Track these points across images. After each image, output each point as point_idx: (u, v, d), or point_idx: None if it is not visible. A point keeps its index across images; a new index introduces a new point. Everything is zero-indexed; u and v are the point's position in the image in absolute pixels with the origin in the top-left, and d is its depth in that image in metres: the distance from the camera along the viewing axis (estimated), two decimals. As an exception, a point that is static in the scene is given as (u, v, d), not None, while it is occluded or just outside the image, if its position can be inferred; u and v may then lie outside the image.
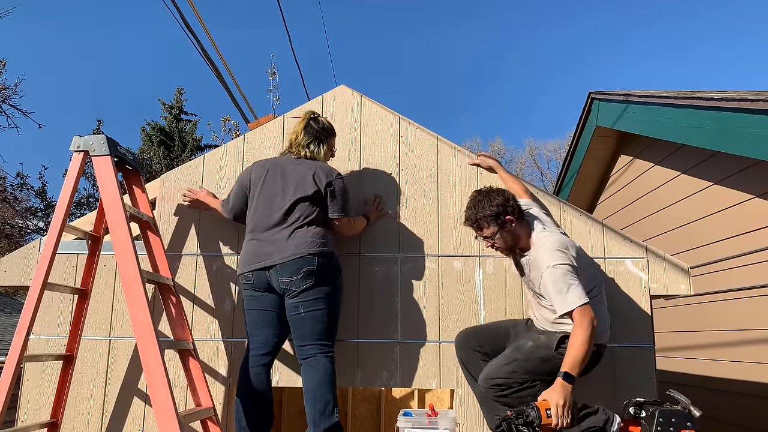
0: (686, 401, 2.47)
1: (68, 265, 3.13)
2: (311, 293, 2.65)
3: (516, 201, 2.71)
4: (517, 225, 2.67)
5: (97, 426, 2.97)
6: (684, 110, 4.40)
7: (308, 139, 2.86)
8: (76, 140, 2.72)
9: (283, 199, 2.74)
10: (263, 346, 2.74)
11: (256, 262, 2.70)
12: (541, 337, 2.66)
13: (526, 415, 2.32)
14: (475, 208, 2.67)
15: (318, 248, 2.68)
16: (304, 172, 2.78)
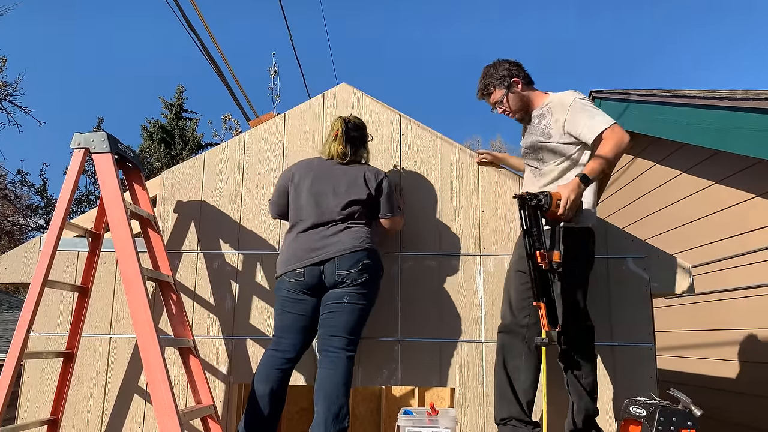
0: (687, 400, 2.47)
1: (68, 262, 3.13)
2: (361, 287, 2.66)
3: (523, 68, 2.85)
4: (524, 87, 2.83)
5: (97, 423, 2.97)
6: (685, 109, 4.39)
7: (354, 147, 2.87)
8: (77, 137, 2.72)
9: (335, 199, 2.74)
10: (290, 350, 2.70)
11: (310, 257, 2.68)
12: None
13: (539, 199, 2.51)
14: (483, 78, 2.86)
15: (370, 245, 2.72)
16: (355, 174, 2.80)
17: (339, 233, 2.71)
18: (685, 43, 54.76)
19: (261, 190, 3.21)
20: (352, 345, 2.64)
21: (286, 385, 2.69)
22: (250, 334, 3.06)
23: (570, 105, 2.69)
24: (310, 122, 3.28)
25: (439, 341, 3.03)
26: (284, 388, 2.68)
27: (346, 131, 2.85)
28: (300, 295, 2.71)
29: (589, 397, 2.60)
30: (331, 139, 2.88)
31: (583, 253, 2.67)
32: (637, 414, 2.58)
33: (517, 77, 2.82)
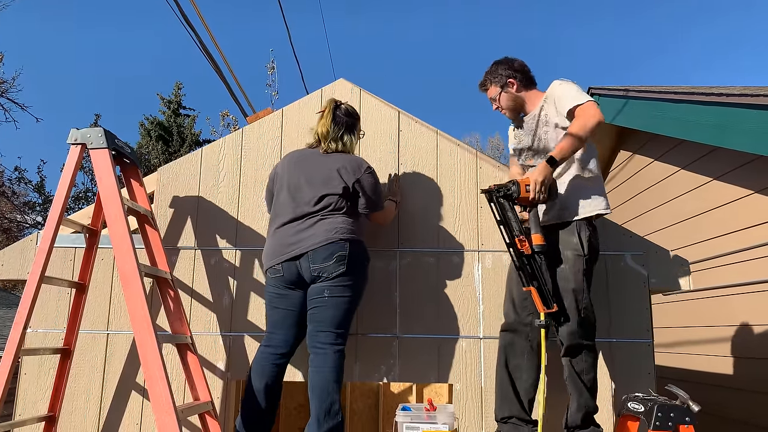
0: (685, 396, 2.47)
1: (66, 258, 3.12)
2: (340, 280, 2.60)
3: (525, 69, 2.87)
4: (519, 88, 2.85)
5: (95, 420, 2.96)
6: (684, 105, 4.39)
7: (339, 130, 2.80)
8: (74, 133, 2.71)
9: (309, 192, 2.69)
10: (282, 345, 2.69)
11: (285, 252, 2.65)
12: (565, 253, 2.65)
13: (507, 188, 2.58)
14: (485, 73, 2.91)
15: (348, 235, 2.64)
16: (331, 167, 2.73)
17: (312, 226, 2.65)
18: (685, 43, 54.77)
19: (258, 186, 3.20)
20: (339, 339, 2.61)
21: (281, 380, 2.69)
22: (248, 331, 3.05)
23: (554, 88, 2.76)
24: (307, 118, 3.26)
25: (437, 337, 3.03)
26: (279, 383, 2.68)
27: (335, 110, 2.83)
28: (284, 290, 2.70)
29: (589, 393, 2.59)
30: (318, 117, 2.86)
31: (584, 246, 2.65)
32: (635, 410, 2.58)
33: (514, 78, 2.83)
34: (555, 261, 2.68)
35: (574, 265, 2.64)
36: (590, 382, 2.62)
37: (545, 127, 2.78)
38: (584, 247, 2.65)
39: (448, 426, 2.51)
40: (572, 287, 2.63)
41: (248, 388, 2.65)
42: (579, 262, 2.64)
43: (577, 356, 2.62)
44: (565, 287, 2.64)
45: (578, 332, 2.61)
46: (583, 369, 2.62)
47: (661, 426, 2.40)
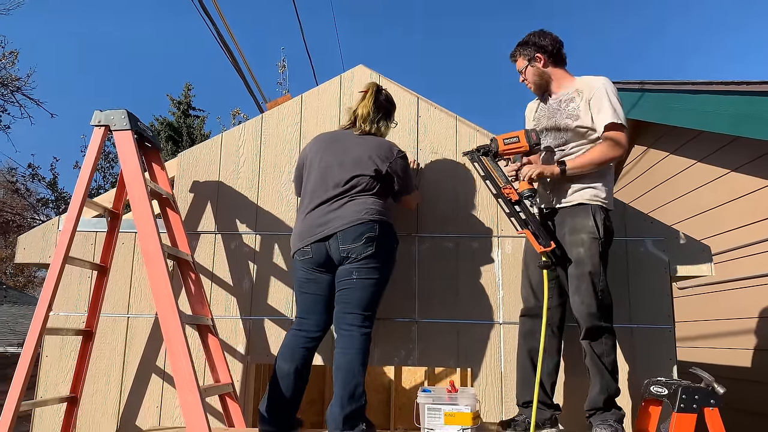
0: (710, 378, 2.45)
1: (86, 243, 3.14)
2: (369, 261, 2.56)
3: (557, 47, 2.82)
4: (548, 65, 2.82)
5: (115, 402, 2.98)
6: (702, 96, 4.36)
7: (378, 114, 2.80)
8: (97, 114, 2.72)
9: (340, 174, 2.67)
10: (314, 329, 2.66)
11: (314, 234, 2.62)
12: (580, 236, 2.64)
13: (487, 147, 2.76)
14: (518, 43, 2.88)
15: (378, 216, 2.61)
16: (365, 150, 2.71)
17: (342, 207, 2.62)
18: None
19: (278, 171, 3.21)
20: (367, 321, 2.58)
21: (310, 364, 2.66)
22: (268, 315, 3.06)
23: (597, 88, 2.70)
24: (326, 104, 3.27)
25: (456, 322, 3.02)
26: (308, 367, 2.65)
27: (377, 94, 2.82)
28: (313, 274, 2.66)
29: (610, 376, 2.58)
30: (359, 98, 2.84)
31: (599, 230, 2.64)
32: (658, 393, 2.57)
33: (542, 54, 2.80)
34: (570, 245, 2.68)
35: (590, 248, 2.64)
36: (611, 365, 2.60)
37: (567, 120, 2.75)
38: (599, 230, 2.64)
39: (470, 408, 2.50)
40: (588, 270, 2.62)
41: (276, 372, 2.61)
42: (594, 246, 2.63)
43: (597, 339, 2.61)
44: (581, 272, 2.63)
45: (597, 315, 2.60)
46: (603, 351, 2.60)
47: (685, 408, 2.39)
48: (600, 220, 2.64)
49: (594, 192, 2.68)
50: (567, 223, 2.69)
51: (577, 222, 2.66)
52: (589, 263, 2.61)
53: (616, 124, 2.62)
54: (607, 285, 2.63)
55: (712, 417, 2.38)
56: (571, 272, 2.65)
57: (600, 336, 2.59)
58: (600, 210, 2.66)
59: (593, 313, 2.58)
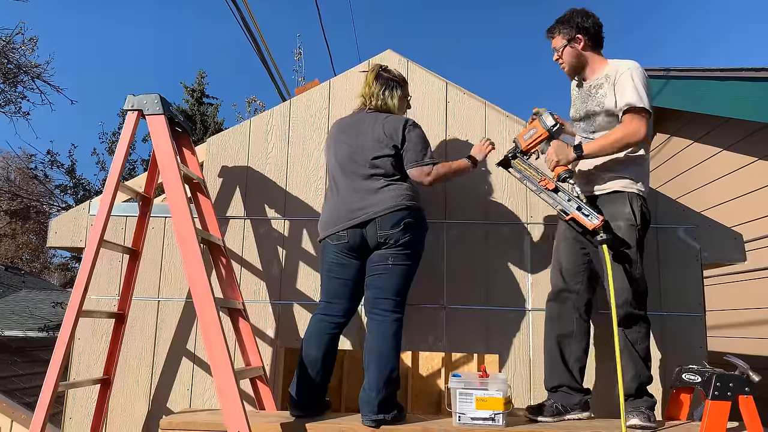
0: (744, 366, 2.44)
1: (117, 227, 3.16)
2: (405, 247, 2.56)
3: (598, 29, 2.73)
4: (585, 47, 2.73)
5: (147, 384, 3.02)
6: (730, 83, 4.31)
7: (380, 86, 2.77)
8: (130, 99, 2.74)
9: (364, 156, 2.65)
10: (340, 314, 2.66)
11: (352, 218, 2.60)
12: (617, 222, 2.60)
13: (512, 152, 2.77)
14: (557, 20, 2.77)
15: (413, 202, 2.61)
16: (377, 127, 2.68)
17: (378, 191, 2.60)
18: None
19: (306, 157, 3.21)
20: (399, 307, 2.58)
21: (336, 349, 2.66)
22: (297, 299, 3.08)
23: (622, 72, 2.62)
24: (354, 89, 3.25)
25: (485, 309, 3.02)
26: (335, 351, 2.65)
27: (379, 72, 2.81)
28: (345, 259, 2.65)
29: (643, 363, 2.57)
30: (363, 80, 2.85)
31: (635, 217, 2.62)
32: (691, 381, 2.56)
33: (584, 35, 2.70)
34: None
35: (627, 235, 2.61)
36: (644, 352, 2.59)
37: (596, 107, 2.71)
38: (636, 217, 2.62)
39: (502, 393, 2.50)
40: (625, 258, 2.60)
41: (303, 358, 2.61)
42: (632, 232, 2.61)
43: (631, 326, 2.60)
44: (618, 258, 2.61)
45: (632, 302, 2.59)
46: (637, 339, 2.59)
47: (719, 396, 2.38)
48: (637, 207, 2.62)
49: (629, 180, 2.65)
50: (605, 209, 2.66)
51: (615, 209, 2.64)
52: (626, 251, 2.59)
53: (635, 107, 2.53)
54: (642, 272, 2.61)
55: (746, 405, 2.37)
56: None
57: (634, 323, 2.58)
58: (636, 197, 2.64)
59: (628, 301, 2.57)
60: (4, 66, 9.15)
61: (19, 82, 9.40)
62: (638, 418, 2.49)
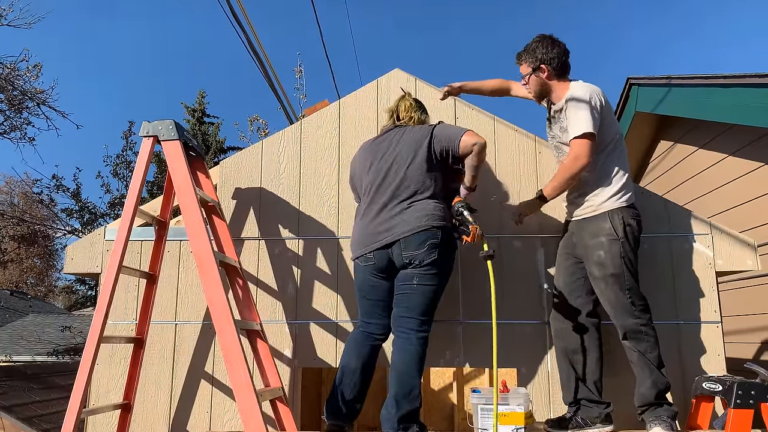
0: (765, 373, 2.45)
1: (133, 252, 3.19)
2: (430, 268, 2.58)
3: (561, 57, 2.82)
4: (551, 77, 2.82)
5: (166, 408, 3.02)
6: (734, 89, 4.34)
7: (417, 108, 2.89)
8: (146, 126, 2.77)
9: (395, 172, 2.68)
10: (379, 331, 2.71)
11: (377, 240, 2.63)
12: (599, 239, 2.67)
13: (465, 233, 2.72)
14: (525, 47, 2.87)
15: (440, 222, 2.61)
16: (406, 140, 2.73)
17: (403, 212, 2.63)
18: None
19: (318, 176, 3.24)
20: (424, 326, 2.60)
21: (374, 362, 2.71)
22: (314, 319, 3.09)
23: (570, 100, 2.74)
24: (364, 108, 3.30)
25: (501, 323, 3.02)
26: (373, 364, 2.70)
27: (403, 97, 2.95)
28: (375, 280, 2.69)
29: (658, 371, 2.58)
30: (398, 98, 2.97)
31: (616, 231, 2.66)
32: (711, 390, 2.57)
33: (547, 66, 2.79)
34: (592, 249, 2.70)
35: (609, 249, 2.66)
36: (656, 360, 2.60)
37: (560, 132, 2.83)
38: (617, 230, 2.66)
39: (523, 407, 2.51)
40: (611, 272, 2.64)
41: (342, 368, 2.66)
42: (615, 246, 2.65)
43: (636, 337, 2.62)
44: (604, 274, 2.66)
45: (630, 314, 2.62)
46: (646, 348, 2.60)
47: (742, 404, 2.38)
48: (618, 221, 2.66)
49: (604, 198, 2.71)
50: (586, 228, 2.74)
51: (595, 226, 2.71)
52: (610, 265, 2.63)
53: (576, 137, 2.65)
54: (635, 282, 2.64)
55: (769, 412, 2.37)
56: (595, 275, 2.68)
57: (639, 333, 2.60)
58: (617, 212, 2.69)
59: (625, 314, 2.61)
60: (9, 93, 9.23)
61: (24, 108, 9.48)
62: (661, 426, 2.49)
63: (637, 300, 2.64)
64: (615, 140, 2.79)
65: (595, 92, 2.74)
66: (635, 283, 2.66)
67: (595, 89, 2.77)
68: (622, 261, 2.64)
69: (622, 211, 2.70)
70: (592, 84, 2.81)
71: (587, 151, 2.64)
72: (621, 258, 2.64)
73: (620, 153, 2.81)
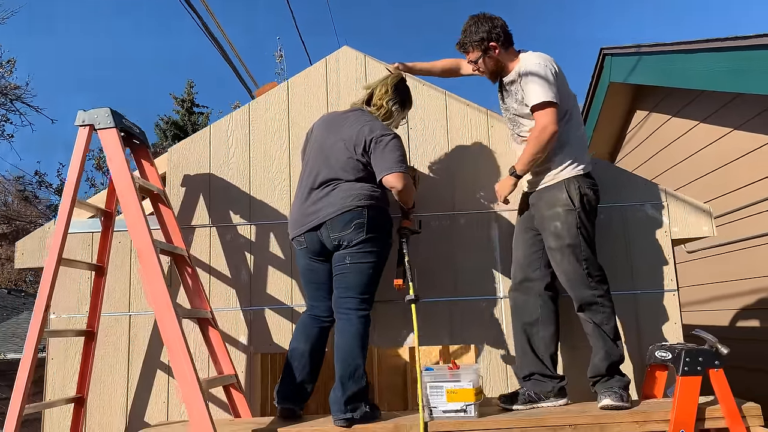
0: (713, 339, 2.42)
1: (84, 244, 3.14)
2: (361, 246, 2.54)
3: (505, 29, 2.76)
4: (501, 52, 2.75)
5: (122, 400, 3.00)
6: (698, 55, 4.27)
7: (394, 97, 2.75)
8: (81, 114, 2.71)
9: (333, 156, 2.63)
10: (325, 315, 2.68)
11: (306, 223, 2.61)
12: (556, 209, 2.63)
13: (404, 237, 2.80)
14: (463, 33, 2.79)
15: (366, 201, 2.56)
16: (356, 129, 2.64)
17: (329, 194, 2.59)
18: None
19: (268, 160, 3.19)
20: (364, 304, 2.57)
21: (323, 346, 2.69)
22: (268, 304, 3.06)
23: (523, 70, 2.69)
24: (313, 88, 3.24)
25: (456, 300, 2.99)
26: (323, 347, 2.68)
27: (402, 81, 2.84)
28: (313, 264, 2.68)
29: (612, 342, 2.55)
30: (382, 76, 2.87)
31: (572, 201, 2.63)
32: (663, 358, 2.54)
33: (496, 42, 2.73)
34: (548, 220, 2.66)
35: (566, 220, 2.62)
36: (612, 331, 2.58)
37: (515, 104, 2.78)
38: (574, 200, 2.62)
39: (473, 384, 2.48)
40: (567, 243, 2.61)
41: (290, 353, 2.64)
42: (571, 216, 2.62)
43: (591, 308, 2.59)
44: (560, 244, 2.62)
45: (585, 285, 2.59)
46: (602, 320, 2.58)
47: (689, 371, 2.35)
48: (575, 191, 2.62)
49: (560, 167, 2.67)
50: (543, 198, 2.71)
51: (552, 196, 2.67)
52: (566, 235, 2.60)
53: (536, 105, 2.60)
54: (591, 253, 2.61)
55: (717, 378, 2.35)
56: (551, 246, 2.65)
57: (594, 305, 2.57)
58: (573, 180, 2.64)
59: (581, 285, 2.59)
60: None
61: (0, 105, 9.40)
62: (610, 398, 2.47)
63: (593, 270, 2.61)
64: (570, 109, 2.74)
65: (548, 60, 2.69)
66: (592, 254, 2.63)
67: (547, 58, 2.71)
68: (578, 231, 2.60)
69: (579, 180, 2.66)
70: (542, 53, 2.75)
71: (553, 118, 2.58)
72: (577, 228, 2.61)
73: (575, 122, 2.76)
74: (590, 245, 2.63)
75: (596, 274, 2.61)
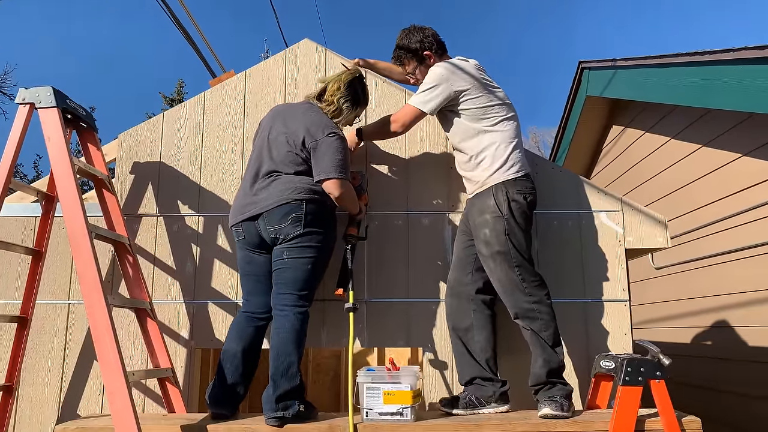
0: (656, 350, 2.37)
1: (26, 228, 3.05)
2: (299, 241, 2.47)
3: (437, 37, 2.84)
4: (436, 60, 2.81)
5: (56, 390, 2.89)
6: (668, 69, 4.27)
7: (346, 95, 2.68)
8: (22, 92, 2.62)
9: (276, 149, 2.57)
10: (260, 311, 2.58)
11: (243, 213, 2.55)
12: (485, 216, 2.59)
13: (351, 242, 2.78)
14: (397, 46, 2.86)
15: (306, 194, 2.49)
16: (303, 124, 2.57)
17: (269, 185, 2.53)
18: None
19: (221, 150, 3.11)
20: (301, 300, 2.49)
21: (260, 345, 2.58)
22: (212, 299, 2.97)
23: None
24: (272, 79, 3.17)
25: (407, 301, 2.93)
26: (258, 347, 2.57)
27: (357, 78, 2.76)
28: (251, 255, 2.60)
29: (552, 349, 2.49)
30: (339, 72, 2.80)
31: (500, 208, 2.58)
32: (607, 368, 2.48)
33: (430, 50, 2.81)
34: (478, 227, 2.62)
35: (494, 227, 2.57)
36: (551, 338, 2.51)
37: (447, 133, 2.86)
38: (501, 207, 2.57)
39: (411, 386, 2.40)
40: (497, 250, 2.55)
41: (223, 353, 2.53)
42: (500, 223, 2.56)
43: (528, 316, 2.52)
44: (491, 252, 2.57)
45: (519, 292, 2.53)
46: (540, 327, 2.51)
47: (630, 381, 2.30)
48: (502, 197, 2.57)
49: (489, 173, 2.63)
50: (475, 205, 2.67)
51: (482, 204, 2.63)
52: (495, 243, 2.55)
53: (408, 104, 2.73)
54: (524, 259, 2.55)
55: (658, 389, 2.29)
56: (483, 253, 2.60)
57: (530, 312, 2.51)
58: (501, 187, 2.59)
59: (516, 291, 2.53)
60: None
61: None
62: (550, 407, 2.40)
63: (528, 276, 2.55)
64: (492, 112, 2.68)
65: (446, 68, 2.68)
66: (524, 260, 2.56)
67: (450, 64, 2.71)
68: (507, 238, 2.54)
69: (507, 185, 2.60)
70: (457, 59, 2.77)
71: (405, 121, 2.72)
72: (506, 235, 2.55)
73: (504, 125, 2.69)
74: (522, 252, 2.56)
75: (532, 280, 2.55)
